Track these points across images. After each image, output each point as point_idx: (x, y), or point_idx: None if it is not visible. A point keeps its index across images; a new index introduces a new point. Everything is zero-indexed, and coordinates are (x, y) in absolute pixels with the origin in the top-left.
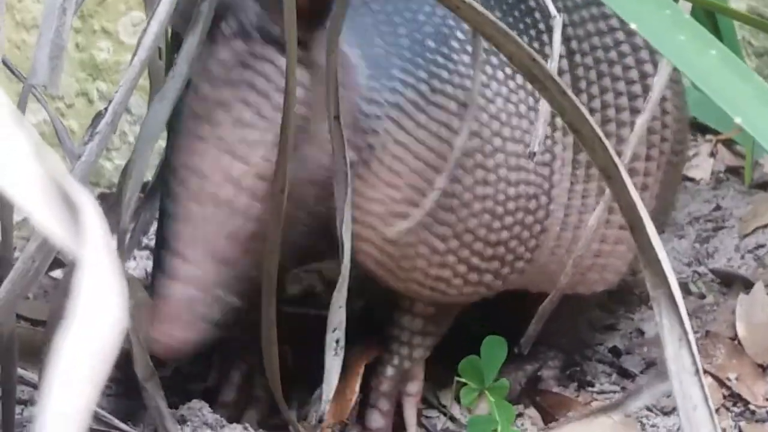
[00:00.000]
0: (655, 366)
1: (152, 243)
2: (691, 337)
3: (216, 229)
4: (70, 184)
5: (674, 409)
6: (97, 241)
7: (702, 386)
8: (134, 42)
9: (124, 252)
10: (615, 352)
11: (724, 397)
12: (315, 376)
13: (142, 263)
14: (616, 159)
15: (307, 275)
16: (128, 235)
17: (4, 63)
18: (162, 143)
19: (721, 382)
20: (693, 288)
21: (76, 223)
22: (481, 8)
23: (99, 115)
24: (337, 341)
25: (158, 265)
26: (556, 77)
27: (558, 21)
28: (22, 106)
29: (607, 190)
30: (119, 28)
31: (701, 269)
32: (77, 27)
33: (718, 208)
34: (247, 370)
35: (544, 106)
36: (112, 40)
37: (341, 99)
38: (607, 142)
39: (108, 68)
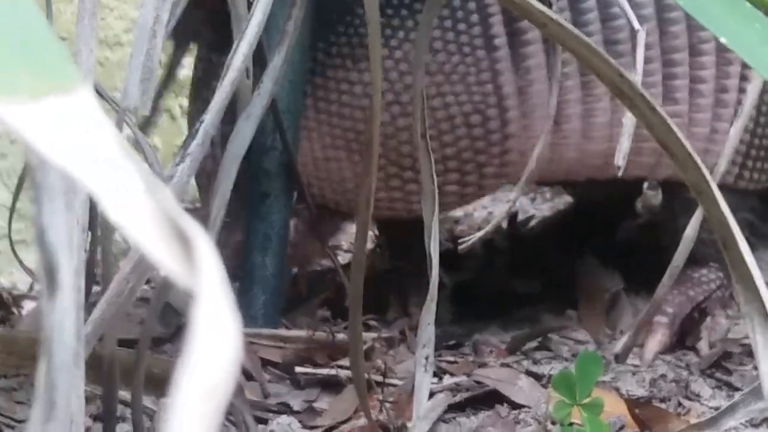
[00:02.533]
0: None
1: None
2: None
3: None
4: (184, 218)
5: (763, 421)
6: (212, 276)
7: None
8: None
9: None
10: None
11: None
12: None
13: None
14: (707, 176)
15: None
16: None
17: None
18: None
19: None
20: None
21: (190, 257)
22: (567, 24)
23: (190, 136)
24: (427, 358)
25: None
26: (645, 93)
27: (642, 35)
28: (118, 127)
29: None
30: None
31: None
32: None
33: None
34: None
35: (629, 120)
36: (193, 56)
37: None
38: (698, 159)
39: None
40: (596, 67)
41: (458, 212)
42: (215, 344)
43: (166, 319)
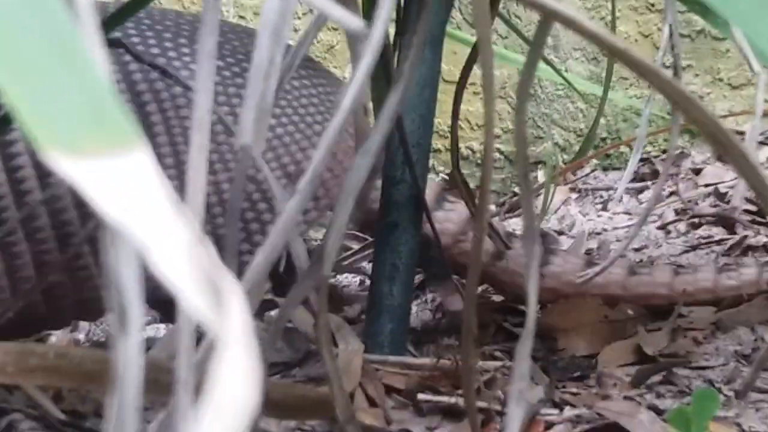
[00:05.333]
0: None
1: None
2: None
3: None
4: (220, 272)
5: None
6: (238, 327)
7: None
8: None
9: (325, 301)
10: None
11: None
12: None
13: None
14: None
15: None
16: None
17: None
18: None
19: None
20: None
21: (222, 309)
22: (675, 82)
23: (297, 175)
24: (520, 391)
25: None
26: (748, 151)
27: (763, 78)
28: (241, 161)
29: None
30: (347, 74)
31: None
32: None
33: None
34: None
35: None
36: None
37: None
38: None
39: None
40: (695, 115)
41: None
42: (235, 391)
43: (294, 344)
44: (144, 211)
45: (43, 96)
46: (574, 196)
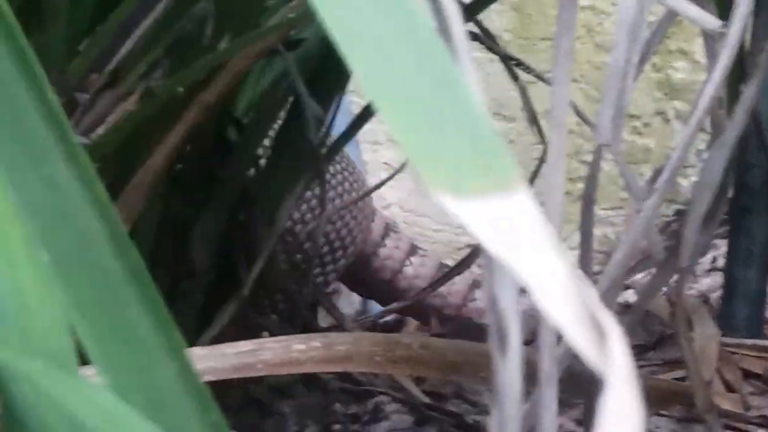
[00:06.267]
0: None
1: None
2: None
3: None
4: (600, 309)
5: None
6: (621, 366)
7: None
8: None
9: (682, 290)
10: None
11: None
12: None
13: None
14: None
15: None
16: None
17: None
18: None
19: None
20: None
21: (603, 345)
22: None
23: (658, 172)
24: None
25: None
26: None
27: None
28: (595, 159)
29: None
30: (695, 48)
31: None
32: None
33: None
34: None
35: None
36: (687, 60)
37: None
38: None
39: (684, 88)
40: None
41: None
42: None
43: (649, 327)
44: (526, 249)
45: (429, 136)
46: None
